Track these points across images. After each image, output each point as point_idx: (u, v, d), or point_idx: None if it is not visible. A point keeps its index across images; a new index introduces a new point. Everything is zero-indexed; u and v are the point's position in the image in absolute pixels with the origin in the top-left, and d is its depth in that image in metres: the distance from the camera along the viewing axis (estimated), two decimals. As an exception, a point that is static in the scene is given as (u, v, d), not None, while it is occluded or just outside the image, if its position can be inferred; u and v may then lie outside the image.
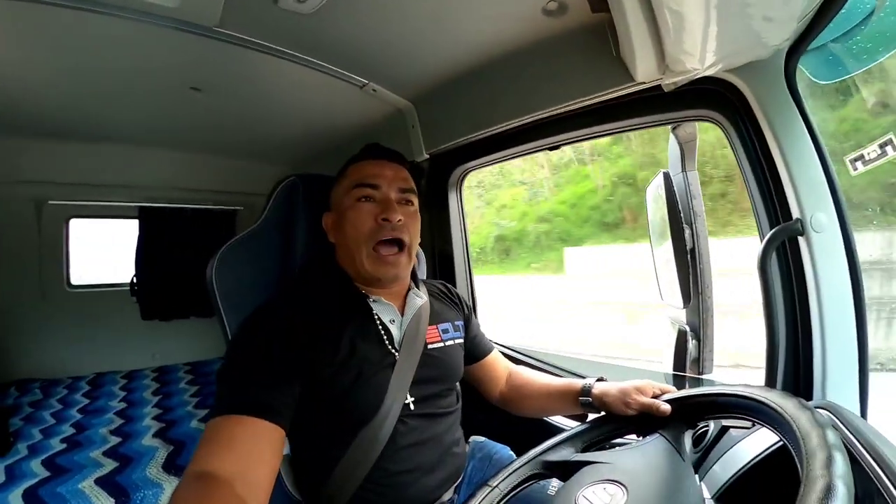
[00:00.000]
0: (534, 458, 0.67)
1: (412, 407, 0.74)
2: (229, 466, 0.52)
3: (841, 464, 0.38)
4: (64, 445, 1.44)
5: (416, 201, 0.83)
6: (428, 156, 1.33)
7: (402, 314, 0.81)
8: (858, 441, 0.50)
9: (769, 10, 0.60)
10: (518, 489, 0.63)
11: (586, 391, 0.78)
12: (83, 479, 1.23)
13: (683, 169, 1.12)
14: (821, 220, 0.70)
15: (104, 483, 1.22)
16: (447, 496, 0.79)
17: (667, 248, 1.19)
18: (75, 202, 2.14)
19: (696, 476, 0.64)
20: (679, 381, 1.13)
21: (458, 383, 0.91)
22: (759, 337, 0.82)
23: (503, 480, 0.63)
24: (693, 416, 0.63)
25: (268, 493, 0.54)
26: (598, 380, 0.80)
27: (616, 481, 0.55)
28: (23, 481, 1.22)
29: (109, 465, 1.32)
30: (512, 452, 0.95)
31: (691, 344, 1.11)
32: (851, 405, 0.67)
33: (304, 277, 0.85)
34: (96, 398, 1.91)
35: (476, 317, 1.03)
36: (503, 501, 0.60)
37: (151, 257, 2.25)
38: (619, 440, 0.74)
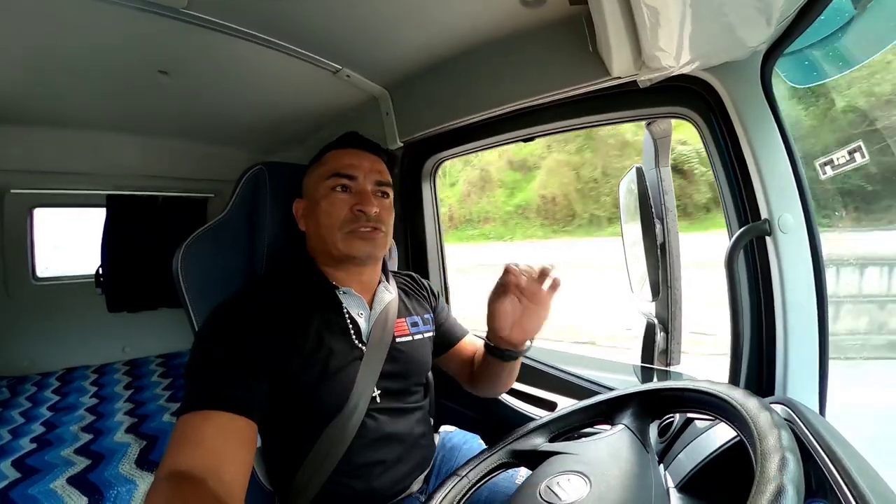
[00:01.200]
0: (503, 447, 0.66)
1: (378, 401, 0.73)
2: (201, 463, 0.50)
3: (793, 467, 0.38)
4: (34, 445, 1.36)
5: (391, 194, 0.81)
6: (402, 144, 1.27)
7: (371, 308, 0.79)
8: (814, 438, 0.51)
9: (746, 12, 0.58)
10: (486, 478, 0.62)
11: (489, 345, 0.79)
12: (55, 479, 1.17)
13: (657, 164, 1.10)
14: (788, 221, 0.69)
15: (76, 482, 1.16)
16: (416, 486, 0.79)
17: (637, 242, 1.18)
18: (39, 190, 1.96)
19: (661, 466, 0.64)
20: (647, 373, 1.14)
21: (428, 375, 0.90)
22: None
23: (472, 470, 0.63)
24: (659, 408, 0.62)
25: (243, 488, 0.53)
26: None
27: (580, 472, 0.55)
28: None
29: (81, 463, 1.25)
30: (482, 442, 0.95)
31: (660, 336, 1.12)
32: (811, 401, 0.68)
33: (272, 268, 0.82)
34: (66, 395, 1.81)
35: (449, 305, 1.00)
36: (472, 490, 0.60)
37: (119, 247, 2.09)
38: (587, 430, 0.75)
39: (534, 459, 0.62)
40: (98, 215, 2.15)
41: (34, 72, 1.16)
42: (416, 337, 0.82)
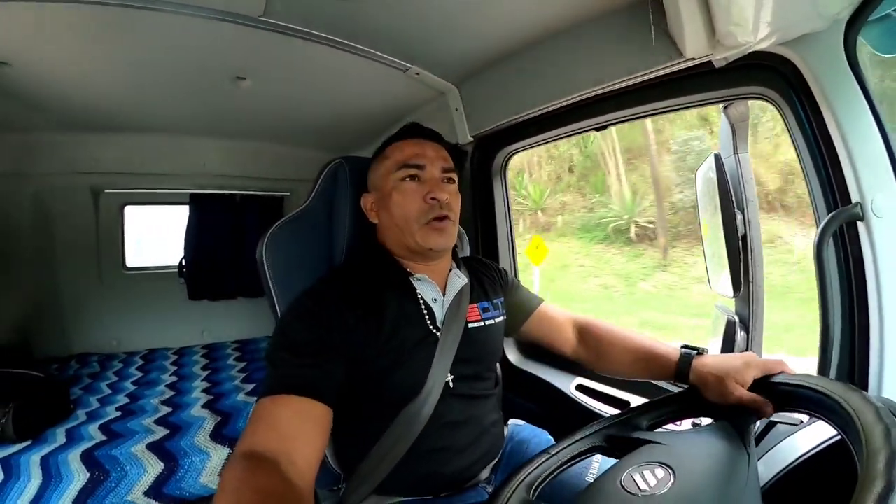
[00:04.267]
0: (596, 431, 0.69)
1: (451, 385, 0.79)
2: (275, 446, 0.55)
3: None
4: (118, 413, 1.64)
5: (456, 180, 0.87)
6: (472, 138, 1.38)
7: (444, 293, 0.85)
8: None
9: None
10: (575, 460, 0.66)
11: (683, 371, 0.75)
12: (135, 444, 1.40)
13: (735, 151, 1.11)
14: (882, 203, 0.69)
15: (155, 448, 1.38)
16: (484, 475, 0.85)
17: (717, 234, 1.18)
18: (129, 190, 2.41)
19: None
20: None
21: (497, 367, 0.96)
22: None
23: (563, 449, 0.66)
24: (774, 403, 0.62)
25: (314, 471, 0.58)
26: (696, 352, 0.77)
27: (666, 465, 0.56)
28: (81, 443, 1.41)
29: (160, 432, 1.49)
30: (550, 437, 0.99)
31: (740, 336, 1.11)
32: None
33: (350, 259, 0.92)
34: (148, 372, 2.16)
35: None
36: (559, 469, 0.63)
37: (200, 241, 2.50)
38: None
39: (625, 447, 0.65)
40: (181, 212, 2.57)
41: (127, 84, 1.45)
42: (488, 322, 0.88)
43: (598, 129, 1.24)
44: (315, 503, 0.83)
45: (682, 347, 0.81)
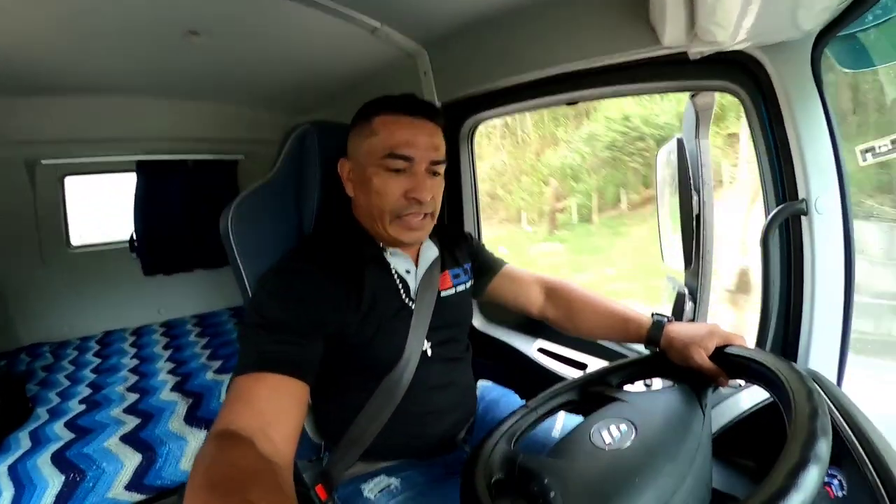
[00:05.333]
0: (573, 387, 0.74)
1: (429, 353, 0.81)
2: (251, 423, 0.54)
3: (823, 417, 0.46)
4: (83, 406, 1.54)
5: (442, 171, 0.82)
6: (439, 104, 1.32)
7: (417, 265, 0.85)
8: (835, 406, 0.61)
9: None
10: (547, 415, 0.71)
11: (655, 335, 0.79)
12: (108, 438, 1.33)
13: (697, 136, 1.17)
14: (824, 202, 0.77)
15: (129, 440, 1.33)
16: (461, 435, 0.90)
17: (673, 212, 1.26)
18: (69, 160, 2.07)
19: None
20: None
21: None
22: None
23: (541, 405, 0.71)
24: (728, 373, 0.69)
25: (292, 447, 0.57)
26: (667, 319, 0.82)
27: (630, 420, 0.62)
28: (49, 445, 1.31)
29: (132, 421, 1.42)
30: (517, 396, 1.05)
31: (688, 306, 1.24)
32: (830, 374, 0.79)
33: (321, 231, 0.88)
34: (107, 357, 2.01)
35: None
36: (537, 422, 0.68)
37: (151, 211, 2.25)
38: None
39: (593, 403, 0.71)
40: (129, 182, 2.27)
41: (63, 39, 1.20)
42: (459, 288, 0.91)
43: (568, 104, 1.25)
44: (296, 476, 0.86)
45: (652, 315, 0.86)
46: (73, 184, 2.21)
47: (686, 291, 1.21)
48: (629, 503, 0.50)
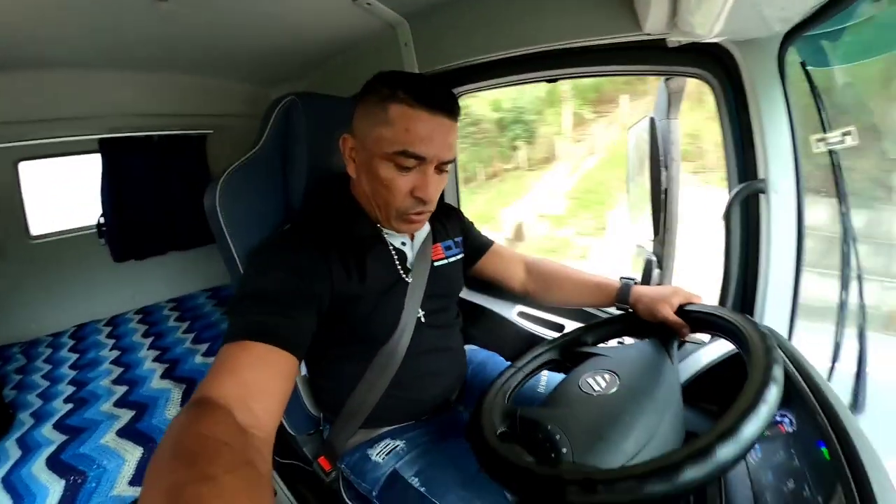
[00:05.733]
0: (552, 347, 0.82)
1: (423, 320, 0.84)
2: (232, 392, 0.51)
3: (778, 358, 0.55)
4: (69, 405, 1.45)
5: (451, 165, 0.79)
6: None
7: (412, 238, 0.87)
8: (787, 356, 0.69)
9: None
10: (535, 372, 0.78)
11: (624, 296, 0.88)
12: (104, 435, 1.28)
13: (668, 116, 1.24)
14: (781, 183, 0.85)
15: (127, 434, 1.28)
16: (454, 397, 0.96)
17: (643, 186, 1.36)
18: (25, 142, 1.80)
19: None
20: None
21: None
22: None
23: (528, 363, 0.78)
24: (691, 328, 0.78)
25: (274, 420, 0.54)
26: (634, 282, 0.90)
27: (612, 371, 0.69)
28: (41, 451, 1.22)
29: (126, 415, 1.37)
30: (502, 358, 1.12)
31: (655, 272, 1.36)
32: (782, 331, 0.90)
33: (316, 205, 0.87)
34: (84, 351, 1.87)
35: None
36: (525, 380, 0.76)
37: (118, 193, 2.04)
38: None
39: (576, 359, 0.78)
40: (94, 164, 2.02)
41: (15, 7, 1.04)
42: (451, 259, 0.94)
43: (548, 81, 1.28)
44: (296, 450, 0.90)
45: (620, 279, 0.93)
46: (30, 168, 1.95)
47: (654, 259, 1.34)
48: (623, 438, 0.58)
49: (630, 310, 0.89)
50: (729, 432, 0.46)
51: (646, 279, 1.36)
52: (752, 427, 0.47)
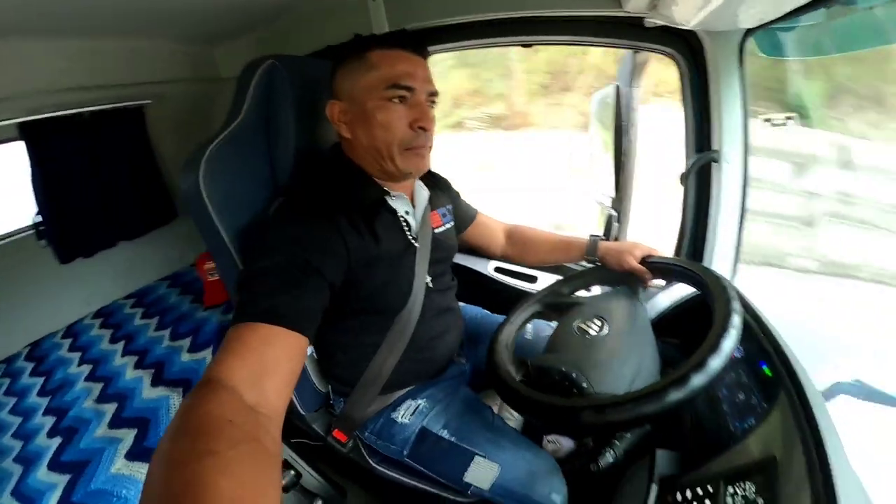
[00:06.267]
0: (539, 299, 0.91)
1: (430, 285, 0.87)
2: (239, 372, 0.50)
3: (738, 303, 0.66)
4: (59, 439, 1.27)
5: (436, 101, 0.81)
6: None
7: (414, 205, 0.87)
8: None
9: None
10: (525, 323, 0.88)
11: (592, 251, 0.98)
12: (112, 463, 1.15)
13: (631, 84, 1.32)
14: (731, 154, 0.98)
15: (137, 454, 1.17)
16: (457, 352, 1.02)
17: (605, 147, 1.47)
18: None
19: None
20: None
21: None
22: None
23: (518, 316, 0.87)
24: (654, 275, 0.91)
25: (283, 400, 0.53)
26: (600, 238, 1.00)
27: (600, 316, 0.79)
28: (46, 499, 1.09)
29: (127, 435, 1.25)
30: (488, 312, 1.20)
31: (615, 225, 1.53)
32: (727, 275, 1.09)
33: (312, 174, 0.84)
34: (49, 373, 1.59)
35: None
36: (517, 331, 0.85)
37: (52, 185, 1.64)
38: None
39: (560, 309, 0.89)
40: (17, 153, 1.53)
41: None
42: (447, 225, 0.96)
43: (523, 46, 1.24)
44: (305, 428, 0.93)
45: (589, 236, 1.03)
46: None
47: (615, 214, 1.49)
48: (624, 367, 0.71)
49: (598, 263, 0.99)
50: (701, 365, 0.59)
51: (607, 230, 1.52)
52: (718, 361, 0.60)
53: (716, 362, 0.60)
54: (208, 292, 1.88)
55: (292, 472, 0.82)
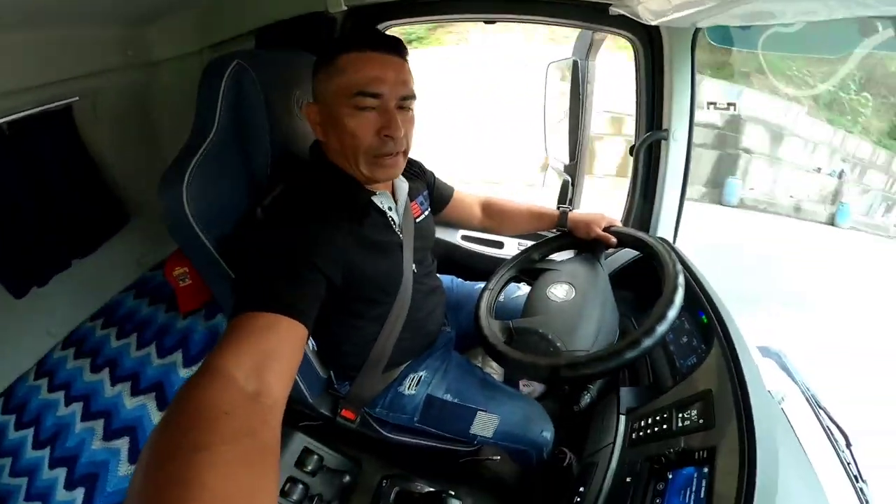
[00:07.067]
0: (512, 266, 1.01)
1: (416, 270, 0.92)
2: (238, 361, 0.48)
3: (682, 276, 0.79)
4: (79, 491, 1.13)
5: (414, 106, 0.79)
6: (346, 8, 1.10)
7: (395, 199, 0.88)
8: (679, 259, 1.07)
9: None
10: (503, 288, 0.98)
11: (563, 221, 1.06)
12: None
13: (587, 58, 1.37)
14: (678, 134, 1.05)
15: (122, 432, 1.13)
16: (443, 321, 1.08)
17: (561, 117, 1.54)
18: None
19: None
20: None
21: None
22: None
23: (495, 282, 0.96)
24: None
25: (285, 388, 0.51)
26: (569, 209, 1.08)
27: (568, 282, 0.89)
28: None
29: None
30: (462, 279, 1.27)
31: (570, 190, 1.66)
32: (670, 237, 1.24)
33: (295, 177, 0.81)
34: (37, 421, 1.37)
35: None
36: (496, 298, 0.95)
37: None
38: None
39: (533, 273, 0.99)
40: None
41: None
42: (426, 213, 0.98)
43: (486, 22, 1.19)
44: (311, 412, 0.98)
45: (558, 207, 1.11)
46: None
47: (569, 178, 1.62)
48: (590, 325, 0.85)
49: (566, 230, 1.07)
50: (651, 331, 0.73)
51: (563, 195, 1.65)
52: (664, 327, 0.74)
53: (662, 328, 0.74)
54: (182, 298, 1.72)
55: (316, 457, 0.90)
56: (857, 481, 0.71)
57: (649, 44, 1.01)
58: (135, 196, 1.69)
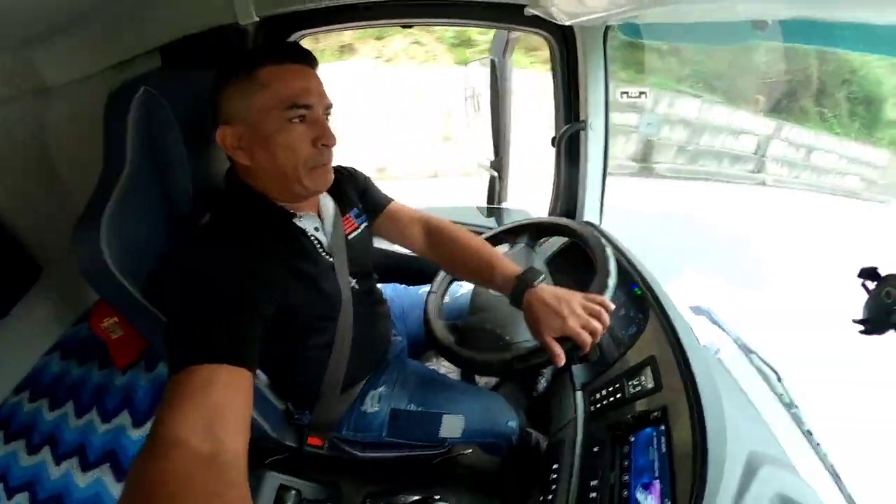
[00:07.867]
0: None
1: (357, 287, 0.87)
2: (187, 424, 0.45)
3: (607, 247, 0.83)
4: None
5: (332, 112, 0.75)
6: (258, 19, 0.99)
7: (322, 219, 0.82)
8: (605, 239, 1.12)
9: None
10: (446, 290, 0.99)
11: (517, 297, 0.79)
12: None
13: (504, 56, 1.41)
14: (595, 124, 1.07)
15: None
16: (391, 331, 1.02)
17: (483, 114, 1.58)
18: None
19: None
20: (491, 210, 1.67)
21: None
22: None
23: (439, 284, 0.98)
24: (545, 232, 1.05)
25: (239, 439, 0.48)
26: (527, 285, 0.77)
27: None
28: None
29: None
30: (404, 287, 1.22)
31: (497, 185, 1.71)
32: (595, 220, 1.29)
33: (218, 209, 0.76)
34: None
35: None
36: (442, 301, 0.97)
37: None
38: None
39: None
40: None
41: None
42: (362, 226, 0.91)
43: (404, 27, 1.21)
44: (275, 447, 0.93)
45: (521, 274, 0.81)
46: None
47: (496, 174, 1.67)
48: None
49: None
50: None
51: (491, 191, 1.70)
52: (607, 295, 0.78)
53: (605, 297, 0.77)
54: (116, 352, 1.37)
55: (293, 492, 0.83)
56: (791, 408, 0.82)
57: (564, 41, 1.04)
58: (43, 243, 1.32)
